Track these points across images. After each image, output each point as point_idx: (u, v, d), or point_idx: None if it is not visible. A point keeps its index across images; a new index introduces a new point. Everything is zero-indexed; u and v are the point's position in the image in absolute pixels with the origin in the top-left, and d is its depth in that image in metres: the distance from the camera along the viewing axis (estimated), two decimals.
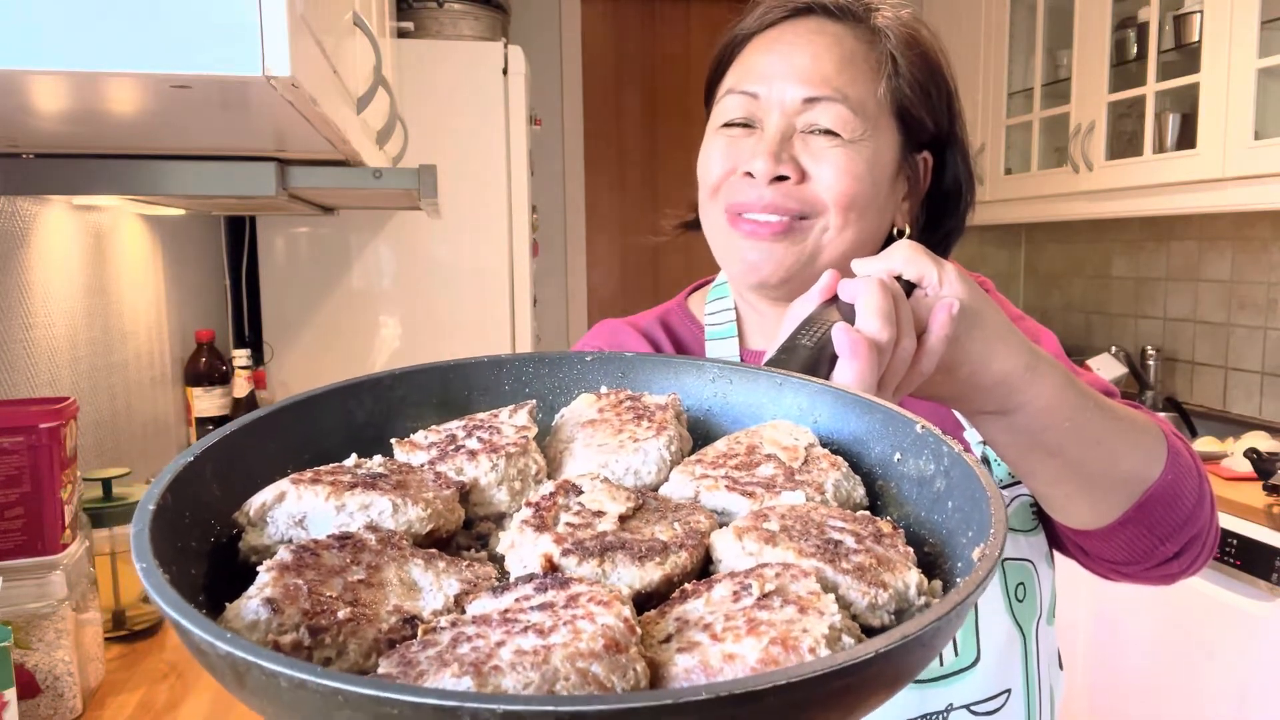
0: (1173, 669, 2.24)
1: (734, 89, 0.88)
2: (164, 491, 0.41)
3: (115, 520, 1.34)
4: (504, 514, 0.50)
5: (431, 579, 0.42)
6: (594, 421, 0.56)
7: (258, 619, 0.36)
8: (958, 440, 0.49)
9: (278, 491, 0.46)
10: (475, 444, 0.52)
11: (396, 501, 0.46)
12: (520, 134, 2.79)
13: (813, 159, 0.84)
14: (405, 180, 1.43)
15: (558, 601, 0.37)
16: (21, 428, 1.10)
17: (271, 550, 0.44)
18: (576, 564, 0.42)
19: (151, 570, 0.36)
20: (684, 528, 0.46)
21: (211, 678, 0.36)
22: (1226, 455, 2.32)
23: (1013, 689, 0.88)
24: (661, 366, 0.62)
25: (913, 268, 0.68)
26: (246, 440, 0.48)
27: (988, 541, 0.41)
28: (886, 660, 0.33)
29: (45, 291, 1.57)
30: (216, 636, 0.32)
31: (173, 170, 1.29)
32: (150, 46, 0.75)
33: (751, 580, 0.40)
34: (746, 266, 0.87)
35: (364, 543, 0.42)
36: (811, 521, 0.46)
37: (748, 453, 0.53)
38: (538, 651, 0.34)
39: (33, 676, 1.10)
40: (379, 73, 1.48)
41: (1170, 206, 2.64)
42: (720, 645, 0.36)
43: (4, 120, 1.03)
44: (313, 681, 0.29)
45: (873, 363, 0.60)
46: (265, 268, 2.80)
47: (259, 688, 0.31)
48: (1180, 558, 0.84)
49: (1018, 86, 3.29)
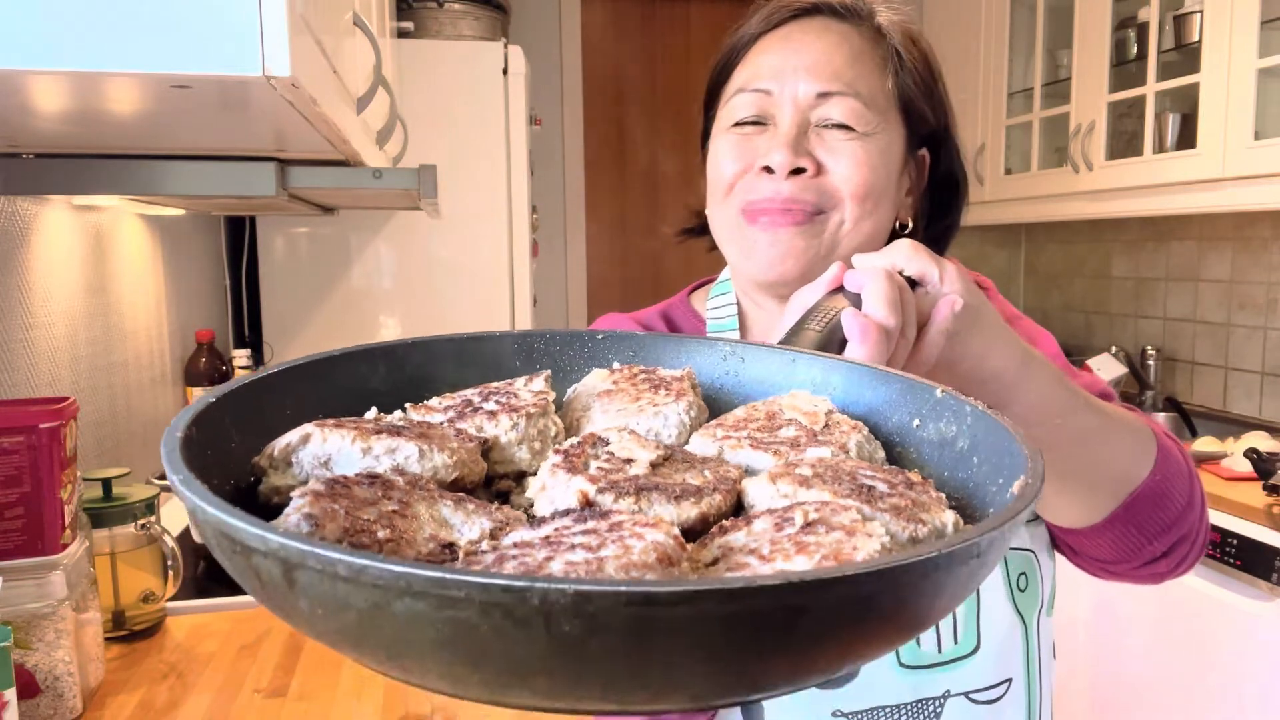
0: (1172, 668, 2.24)
1: (745, 87, 0.89)
2: (189, 424, 0.40)
3: (115, 520, 1.34)
4: (524, 472, 0.50)
5: (462, 518, 0.41)
6: (610, 392, 0.56)
7: (298, 531, 0.35)
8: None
9: (302, 433, 0.44)
10: (492, 406, 0.52)
11: (423, 447, 0.45)
12: (520, 134, 2.79)
13: (828, 152, 0.85)
14: (405, 180, 1.43)
15: (600, 528, 0.36)
16: (21, 428, 1.10)
17: (295, 490, 0.43)
18: (612, 501, 0.41)
19: (190, 480, 0.35)
20: (714, 475, 0.46)
21: (209, 679, 0.35)
22: (1226, 455, 2.32)
23: (1014, 679, 0.89)
24: (673, 344, 0.61)
25: (914, 264, 0.69)
26: (263, 394, 0.47)
27: (1028, 470, 0.40)
28: (950, 562, 0.32)
29: (45, 291, 1.57)
30: (267, 530, 0.31)
31: (173, 170, 1.29)
32: (150, 46, 0.75)
33: (793, 513, 0.39)
34: (765, 263, 0.87)
35: (392, 483, 0.41)
36: (843, 470, 0.45)
37: (768, 418, 0.53)
38: (590, 563, 0.32)
39: (33, 676, 1.10)
40: (379, 73, 1.48)
41: (1170, 206, 2.64)
42: (769, 564, 0.36)
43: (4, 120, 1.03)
44: (374, 567, 0.28)
45: (882, 346, 0.61)
46: (265, 268, 2.80)
47: (310, 584, 0.30)
48: (1168, 557, 0.85)
49: (1018, 86, 3.29)
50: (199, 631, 1.40)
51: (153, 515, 1.38)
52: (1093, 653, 2.47)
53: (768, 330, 0.96)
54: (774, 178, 0.85)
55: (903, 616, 0.33)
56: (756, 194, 0.87)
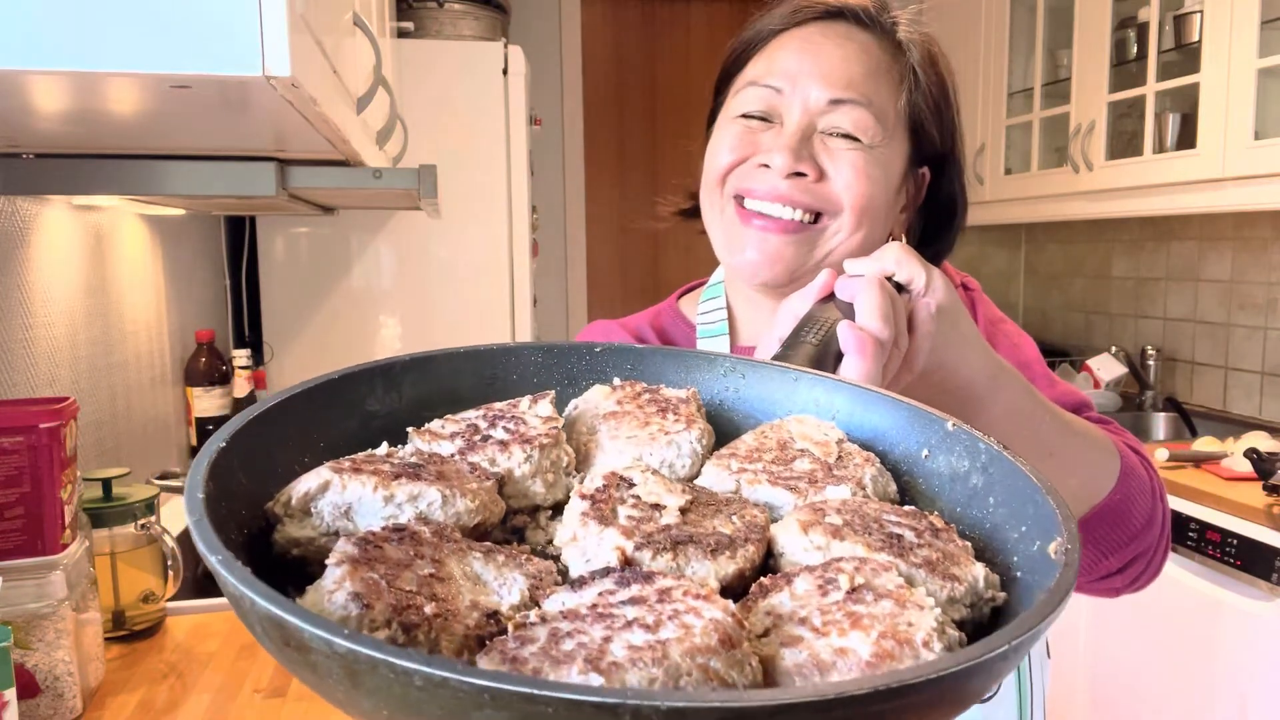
0: (1173, 668, 2.24)
1: (756, 81, 0.88)
2: (206, 479, 0.38)
3: (115, 520, 1.34)
4: (538, 506, 0.49)
5: (494, 572, 0.40)
6: (615, 414, 0.55)
7: (347, 614, 0.33)
8: None
9: (321, 480, 0.42)
10: (502, 434, 0.50)
11: (445, 493, 0.43)
12: (520, 134, 2.79)
13: (831, 160, 0.85)
14: (405, 180, 1.43)
15: (648, 596, 0.36)
16: (21, 428, 1.10)
17: (315, 543, 0.41)
18: (650, 558, 0.40)
19: (229, 560, 0.33)
20: (742, 521, 0.45)
21: (209, 679, 0.33)
22: (1226, 455, 2.32)
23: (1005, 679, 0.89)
24: (673, 359, 0.61)
25: (904, 270, 0.69)
26: (264, 428, 0.46)
27: (1063, 535, 0.40)
28: (1018, 651, 0.33)
29: (45, 291, 1.57)
30: (332, 633, 0.29)
31: (173, 170, 1.29)
32: (150, 46, 0.75)
33: (835, 575, 0.39)
34: (751, 266, 0.87)
35: (419, 535, 0.40)
36: (868, 516, 0.45)
37: (780, 447, 0.52)
38: (653, 647, 0.32)
39: (33, 676, 1.10)
40: (379, 73, 1.48)
41: (1170, 206, 2.64)
42: (826, 639, 0.35)
43: (4, 120, 1.03)
44: (456, 680, 0.27)
45: (879, 359, 0.61)
46: (265, 268, 2.80)
47: (379, 687, 0.29)
48: (1123, 573, 0.86)
49: (1018, 86, 3.28)
50: (199, 631, 1.40)
51: (153, 515, 1.38)
52: (1092, 653, 2.47)
53: (757, 333, 0.95)
54: (771, 173, 0.85)
55: (964, 701, 0.33)
56: (751, 184, 0.87)
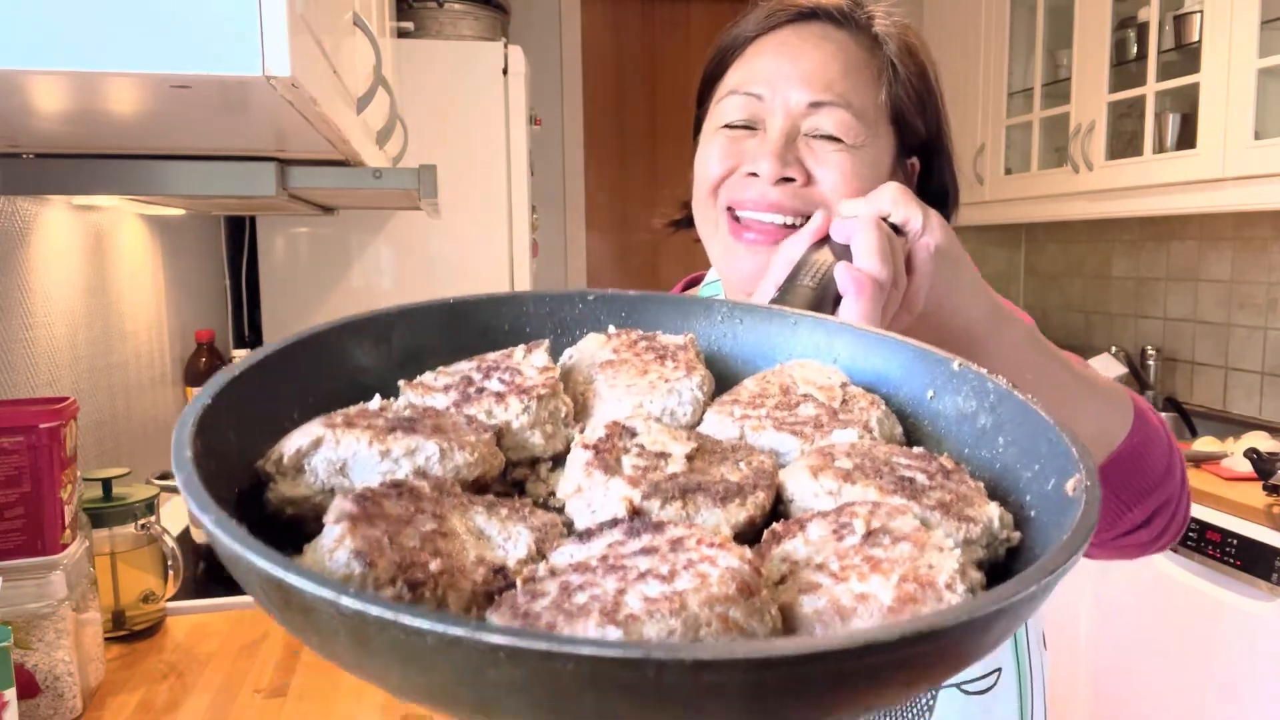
0: (1172, 668, 2.24)
1: (737, 90, 0.88)
2: (193, 436, 0.37)
3: (115, 520, 1.34)
4: (538, 458, 0.48)
5: (498, 526, 0.38)
6: (613, 362, 0.53)
7: (350, 573, 0.32)
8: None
9: (313, 436, 0.41)
10: (498, 386, 0.49)
11: (443, 446, 0.41)
12: (520, 134, 2.79)
13: (817, 162, 0.85)
14: (405, 180, 1.43)
15: (660, 546, 0.34)
16: (21, 428, 1.10)
17: (310, 501, 0.40)
18: (659, 508, 0.39)
19: (223, 520, 0.31)
20: (750, 468, 0.44)
21: (209, 679, 0.33)
22: (1226, 455, 2.32)
23: (1003, 668, 0.88)
24: (667, 306, 0.59)
25: (900, 210, 0.68)
26: (250, 384, 0.44)
27: (1081, 471, 0.38)
28: (1046, 590, 0.32)
29: (45, 291, 1.57)
30: (338, 592, 0.28)
31: (173, 170, 1.29)
32: (150, 46, 0.75)
33: (850, 519, 0.38)
34: (745, 276, 0.87)
35: (419, 491, 0.38)
36: (878, 459, 0.44)
37: (783, 392, 0.51)
38: (670, 598, 0.31)
39: (33, 676, 1.10)
40: (379, 73, 1.48)
41: (1170, 206, 2.64)
42: (845, 585, 0.34)
43: (4, 120, 1.03)
44: (470, 637, 0.26)
45: (878, 300, 0.60)
46: (265, 268, 2.80)
47: (389, 648, 0.27)
48: (1148, 526, 0.84)
49: (1018, 86, 3.28)
50: (199, 631, 1.40)
51: (153, 515, 1.38)
52: (1093, 652, 2.47)
53: None
54: (759, 182, 0.85)
55: (991, 645, 0.32)
56: (742, 194, 0.87)
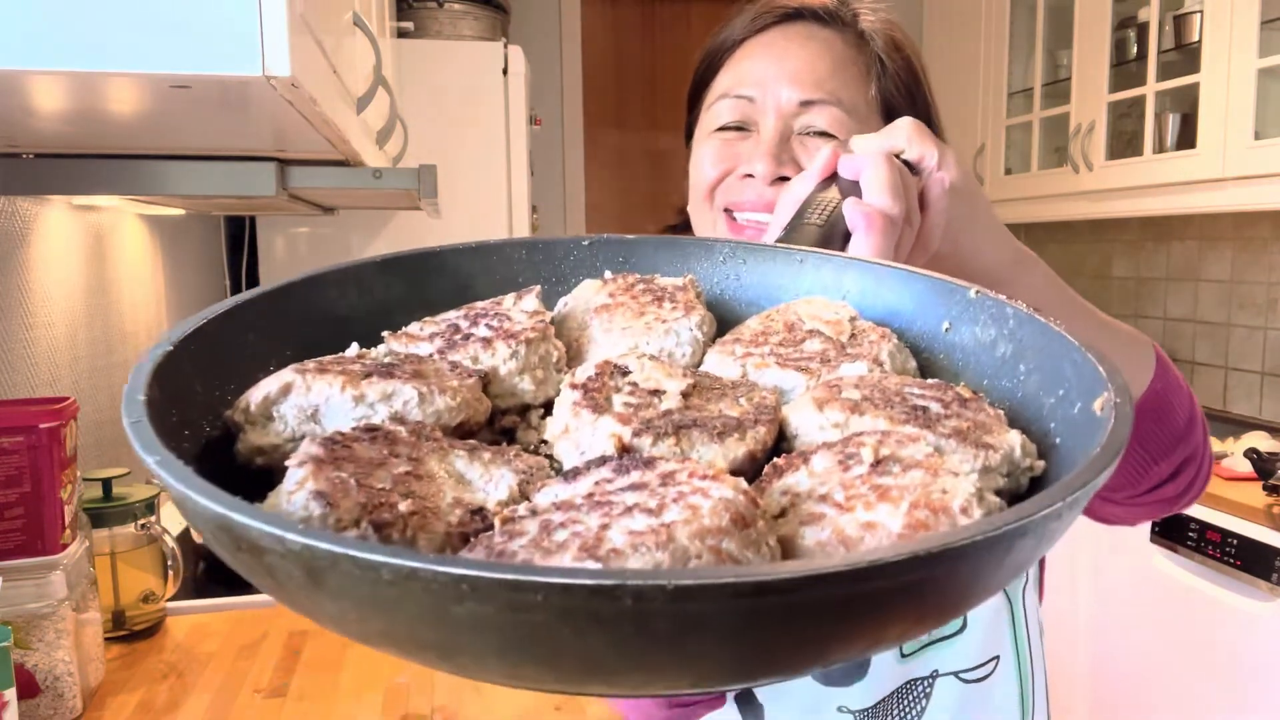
0: (1172, 668, 2.24)
1: (727, 93, 0.89)
2: (150, 382, 0.34)
3: (115, 520, 1.34)
4: (528, 405, 0.45)
5: (480, 470, 0.36)
6: (608, 306, 0.50)
7: (309, 514, 0.30)
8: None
9: (282, 383, 0.39)
10: (485, 332, 0.46)
11: (422, 390, 0.39)
12: (520, 134, 2.79)
13: (811, 160, 0.85)
14: (405, 180, 1.43)
15: (649, 481, 0.31)
16: (21, 428, 1.10)
17: (281, 449, 0.37)
18: (650, 444, 0.36)
19: (169, 460, 0.29)
20: (751, 403, 0.41)
21: (209, 679, 0.32)
22: (1226, 455, 2.32)
23: (1001, 655, 0.88)
24: (665, 248, 0.56)
25: (915, 147, 0.65)
26: (223, 330, 0.42)
27: (1109, 389, 0.35)
28: (1072, 508, 0.28)
29: (45, 291, 1.57)
30: (284, 529, 0.25)
31: (173, 170, 1.29)
32: (150, 46, 0.75)
33: (857, 448, 0.35)
34: None
35: (395, 435, 0.35)
36: (889, 390, 0.41)
37: (787, 329, 0.48)
38: (657, 531, 0.28)
39: (33, 676, 1.10)
40: (379, 73, 1.48)
41: (1170, 206, 2.64)
42: (851, 515, 0.31)
43: (4, 120, 1.03)
44: (428, 570, 0.23)
45: (890, 236, 0.57)
46: (265, 268, 2.80)
47: (345, 587, 0.25)
48: (1174, 480, 0.83)
49: (1018, 86, 3.28)
50: (199, 631, 1.40)
51: (153, 515, 1.38)
52: (1093, 652, 2.47)
53: None
54: (756, 183, 0.85)
55: (1011, 571, 0.29)
56: (740, 196, 0.87)
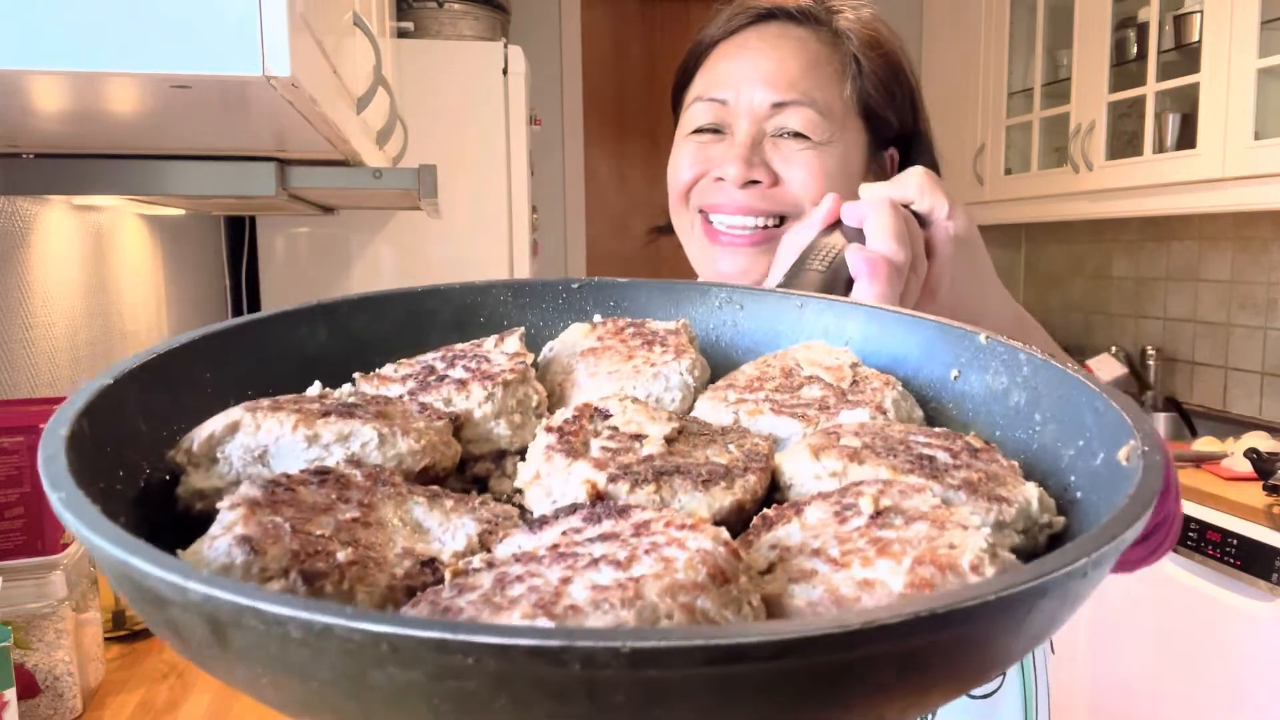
0: (1173, 668, 2.24)
1: (702, 96, 0.89)
2: (78, 416, 0.31)
3: None
4: (504, 451, 0.42)
5: (439, 518, 0.33)
6: (595, 350, 0.48)
7: (231, 561, 0.26)
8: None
9: (229, 420, 0.36)
10: (461, 373, 0.43)
11: (383, 431, 0.36)
12: (520, 134, 2.79)
13: (784, 162, 0.85)
14: (405, 180, 1.43)
15: (621, 532, 0.28)
16: (21, 428, 1.10)
17: (222, 493, 0.34)
18: (627, 492, 0.33)
19: (75, 498, 0.26)
20: (741, 450, 0.38)
21: (209, 679, 0.29)
22: (1226, 455, 2.32)
23: (1007, 672, 0.88)
24: (659, 293, 0.54)
25: (926, 198, 0.63)
26: (177, 366, 0.39)
27: (1137, 437, 0.33)
28: (1098, 566, 0.25)
29: (45, 291, 1.57)
30: (184, 575, 0.22)
31: (173, 170, 1.29)
32: (150, 46, 0.75)
33: (855, 498, 0.32)
34: (726, 279, 0.88)
35: (347, 479, 0.33)
36: (892, 438, 0.37)
37: (785, 375, 0.46)
38: (624, 586, 0.25)
39: (33, 676, 1.09)
40: (379, 73, 1.48)
41: (1170, 206, 2.64)
42: (847, 572, 0.28)
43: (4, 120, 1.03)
44: (342, 626, 0.20)
45: (895, 283, 0.56)
46: (265, 268, 2.80)
47: (251, 645, 0.22)
48: (1145, 543, 0.84)
49: (1018, 86, 3.28)
50: None
51: None
52: (1093, 653, 2.47)
53: None
54: (727, 185, 0.86)
55: (1026, 639, 0.25)
56: (713, 198, 0.87)
